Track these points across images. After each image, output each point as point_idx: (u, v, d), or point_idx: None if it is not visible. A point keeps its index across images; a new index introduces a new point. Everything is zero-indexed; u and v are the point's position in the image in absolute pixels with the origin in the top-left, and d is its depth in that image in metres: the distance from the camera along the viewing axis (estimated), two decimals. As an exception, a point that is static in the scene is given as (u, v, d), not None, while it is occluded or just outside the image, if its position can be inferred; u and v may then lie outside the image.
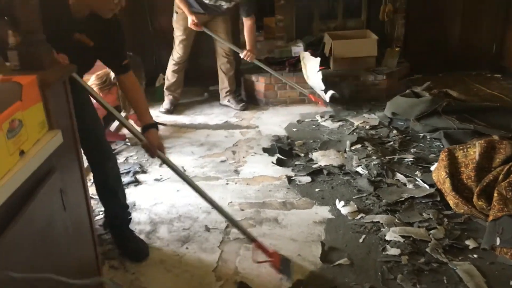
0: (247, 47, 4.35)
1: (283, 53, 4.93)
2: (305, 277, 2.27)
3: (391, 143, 3.64)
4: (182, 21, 4.30)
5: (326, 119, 4.26)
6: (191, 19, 4.16)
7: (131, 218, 2.62)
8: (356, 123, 4.07)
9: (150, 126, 2.27)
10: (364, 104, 4.51)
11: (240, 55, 4.37)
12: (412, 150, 3.52)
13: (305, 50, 4.85)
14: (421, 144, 3.63)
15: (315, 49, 4.91)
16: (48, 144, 1.41)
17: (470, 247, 2.40)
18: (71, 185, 1.63)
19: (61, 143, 1.48)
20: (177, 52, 4.48)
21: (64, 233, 1.55)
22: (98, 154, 2.35)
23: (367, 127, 3.96)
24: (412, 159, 3.33)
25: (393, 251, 2.39)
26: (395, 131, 3.83)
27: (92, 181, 3.09)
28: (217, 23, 4.37)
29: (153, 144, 2.22)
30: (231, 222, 2.45)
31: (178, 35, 4.41)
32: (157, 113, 4.53)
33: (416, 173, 3.14)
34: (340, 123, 4.15)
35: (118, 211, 2.54)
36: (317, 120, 4.27)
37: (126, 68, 2.30)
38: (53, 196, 1.46)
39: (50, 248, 1.43)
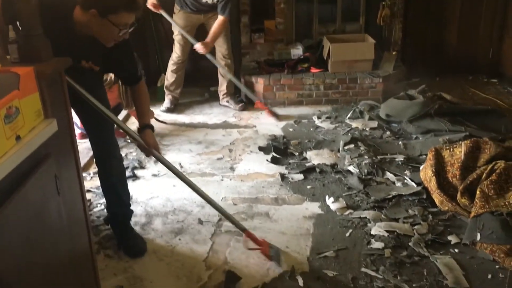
0: (206, 39, 4.36)
1: (282, 55, 5.03)
2: (292, 268, 2.36)
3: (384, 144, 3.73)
4: (178, 20, 4.44)
5: (323, 120, 4.34)
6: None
7: (131, 214, 2.70)
8: (354, 125, 4.13)
9: (146, 127, 2.36)
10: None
11: (194, 46, 4.40)
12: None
13: (304, 52, 4.96)
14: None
15: (313, 52, 5.01)
16: (44, 131, 1.51)
17: (452, 242, 2.49)
18: (66, 172, 1.73)
19: (56, 131, 1.58)
20: (175, 52, 4.61)
21: (58, 217, 1.65)
22: (103, 150, 2.45)
23: (367, 129, 4.02)
24: (402, 159, 3.41)
25: (377, 245, 2.48)
26: (388, 132, 3.91)
27: (91, 174, 3.21)
28: (211, 23, 4.47)
29: (148, 144, 2.32)
30: (223, 214, 2.56)
31: (175, 34, 4.54)
32: (158, 112, 4.63)
33: (405, 172, 3.23)
34: (337, 124, 4.23)
35: (119, 208, 2.61)
36: (314, 121, 4.35)
37: (137, 80, 2.39)
38: (48, 180, 1.56)
39: (44, 230, 1.52)
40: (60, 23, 2.01)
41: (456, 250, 2.43)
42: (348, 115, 4.34)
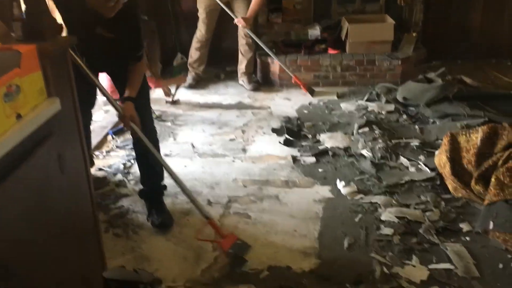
0: (246, 15, 4.40)
1: (300, 36, 4.96)
2: (299, 252, 2.34)
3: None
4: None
5: (341, 103, 4.27)
6: None
7: (162, 188, 2.76)
8: (370, 108, 4.06)
9: (129, 98, 2.39)
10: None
11: (234, 21, 4.43)
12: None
13: (322, 33, 4.87)
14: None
15: (331, 32, 4.92)
16: (46, 110, 1.50)
17: (464, 230, 2.44)
18: (70, 151, 1.72)
19: (59, 110, 1.57)
20: (199, 30, 4.65)
21: (62, 196, 1.65)
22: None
23: (383, 112, 3.94)
24: (418, 144, 3.34)
25: (386, 231, 2.44)
26: (404, 116, 3.83)
27: (104, 153, 3.24)
28: (238, 3, 4.46)
29: (125, 115, 2.34)
30: (189, 197, 2.53)
31: (200, 13, 4.57)
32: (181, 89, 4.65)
33: (420, 157, 3.16)
34: (353, 107, 4.16)
35: (150, 179, 2.72)
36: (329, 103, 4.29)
37: (139, 58, 2.46)
38: (50, 159, 1.56)
39: (46, 206, 1.53)
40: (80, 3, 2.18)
41: (468, 238, 2.38)
42: (365, 98, 4.26)
